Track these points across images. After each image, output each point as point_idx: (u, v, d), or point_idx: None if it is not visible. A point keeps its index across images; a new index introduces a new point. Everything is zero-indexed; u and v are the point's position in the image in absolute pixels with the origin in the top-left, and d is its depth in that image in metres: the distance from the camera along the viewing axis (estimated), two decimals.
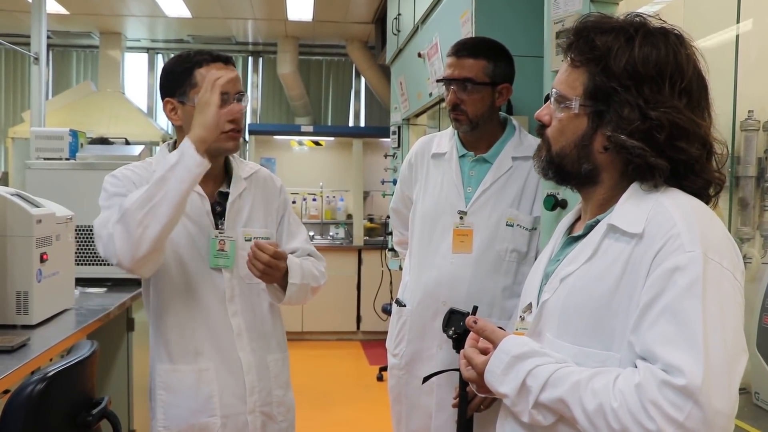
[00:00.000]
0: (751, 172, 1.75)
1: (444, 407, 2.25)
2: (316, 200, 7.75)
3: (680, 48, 1.22)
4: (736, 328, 1.09)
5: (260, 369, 2.08)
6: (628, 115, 1.19)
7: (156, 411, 2.01)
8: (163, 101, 2.00)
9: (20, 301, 2.48)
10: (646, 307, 1.11)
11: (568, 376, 1.15)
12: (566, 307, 1.24)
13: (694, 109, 1.21)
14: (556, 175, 1.33)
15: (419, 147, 2.50)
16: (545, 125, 1.33)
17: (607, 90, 1.22)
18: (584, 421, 1.10)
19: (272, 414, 2.11)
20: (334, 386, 5.63)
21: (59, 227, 2.74)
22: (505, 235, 2.25)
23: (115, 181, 1.96)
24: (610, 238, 1.21)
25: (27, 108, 7.40)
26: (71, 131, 3.86)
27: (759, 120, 1.75)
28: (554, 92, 1.30)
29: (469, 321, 1.35)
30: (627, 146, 1.20)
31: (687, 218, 1.13)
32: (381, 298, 6.70)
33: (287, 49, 7.94)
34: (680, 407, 1.02)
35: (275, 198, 2.19)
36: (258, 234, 2.08)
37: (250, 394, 2.04)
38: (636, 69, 1.20)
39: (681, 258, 1.09)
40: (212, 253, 2.01)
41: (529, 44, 2.54)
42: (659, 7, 2.12)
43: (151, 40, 8.34)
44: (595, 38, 1.23)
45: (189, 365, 1.99)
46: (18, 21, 7.20)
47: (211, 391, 1.99)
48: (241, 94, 1.97)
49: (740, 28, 1.77)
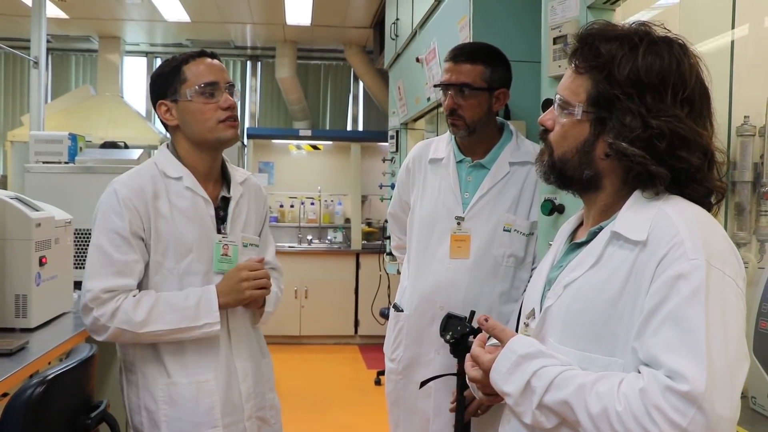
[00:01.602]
0: (747, 177, 1.76)
1: (441, 412, 2.25)
2: (314, 204, 7.75)
3: (684, 57, 1.23)
4: (738, 335, 1.10)
5: (256, 375, 2.07)
6: (629, 123, 1.20)
7: (160, 425, 1.95)
8: (156, 106, 2.01)
9: (19, 305, 2.48)
10: (649, 314, 1.11)
11: (572, 378, 1.16)
12: (570, 313, 1.25)
13: (696, 118, 1.22)
14: (557, 179, 1.34)
15: (416, 152, 2.51)
16: (548, 130, 1.33)
17: (610, 97, 1.22)
18: (588, 424, 1.11)
19: (266, 418, 2.11)
20: (332, 390, 5.62)
21: (58, 231, 2.74)
22: (502, 240, 2.26)
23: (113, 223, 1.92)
24: (613, 245, 1.22)
25: (26, 112, 7.41)
26: (70, 135, 3.86)
27: (755, 125, 1.76)
28: (558, 98, 1.31)
29: (480, 319, 1.36)
30: (628, 154, 1.20)
31: (690, 226, 1.14)
32: (379, 302, 6.70)
33: (286, 53, 7.96)
34: (683, 413, 1.03)
35: (262, 208, 2.21)
36: (253, 240, 2.10)
37: (247, 401, 2.03)
38: (639, 77, 1.20)
39: (684, 265, 1.10)
40: (216, 258, 2.00)
41: (526, 49, 2.55)
42: (655, 12, 2.13)
43: (150, 44, 8.37)
44: (600, 46, 1.24)
45: (187, 378, 1.96)
46: (17, 25, 7.22)
47: (212, 403, 1.96)
48: (231, 86, 1.99)
49: (735, 34, 1.78)
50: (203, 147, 2.00)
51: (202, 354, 1.97)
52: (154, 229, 1.94)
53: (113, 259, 1.91)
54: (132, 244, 1.92)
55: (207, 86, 1.95)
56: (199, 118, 1.96)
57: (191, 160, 2.02)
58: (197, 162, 2.02)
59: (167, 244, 1.95)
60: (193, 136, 1.99)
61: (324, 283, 7.04)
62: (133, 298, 1.91)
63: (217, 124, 1.95)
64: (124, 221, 1.92)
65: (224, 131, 1.97)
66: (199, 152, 2.01)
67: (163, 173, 1.99)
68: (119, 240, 1.92)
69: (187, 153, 2.02)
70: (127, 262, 1.92)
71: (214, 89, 1.95)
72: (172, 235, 1.95)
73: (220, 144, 2.00)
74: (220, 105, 1.95)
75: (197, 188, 2.00)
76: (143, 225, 1.94)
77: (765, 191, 1.74)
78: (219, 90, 1.96)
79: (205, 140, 1.98)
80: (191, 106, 1.95)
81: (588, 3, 1.91)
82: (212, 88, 1.95)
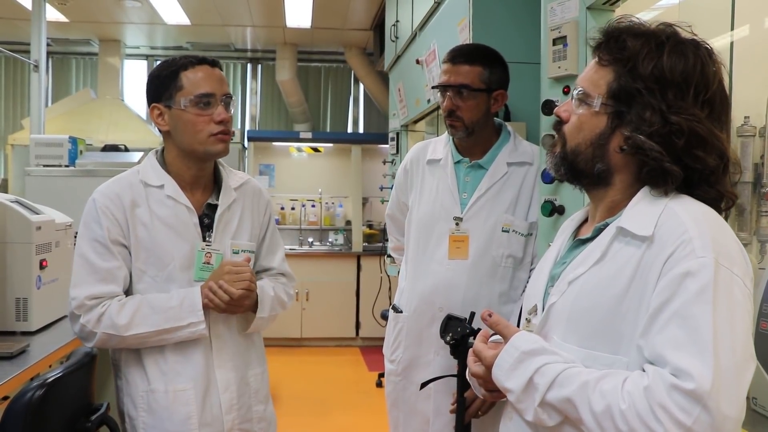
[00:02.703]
0: (747, 177, 1.76)
1: (441, 413, 2.25)
2: (315, 206, 7.75)
3: (708, 61, 1.23)
4: (745, 335, 1.10)
5: (240, 386, 2.01)
6: (649, 118, 1.20)
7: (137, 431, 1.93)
8: (150, 107, 1.97)
9: (20, 308, 2.48)
10: (656, 312, 1.11)
11: (576, 376, 1.15)
12: (574, 310, 1.24)
13: (715, 121, 1.21)
14: (568, 172, 1.32)
15: (414, 153, 2.51)
16: (563, 122, 1.33)
17: (631, 91, 1.22)
18: (591, 422, 1.10)
19: (253, 431, 2.05)
20: (333, 392, 5.62)
21: (59, 234, 2.74)
22: (500, 240, 2.26)
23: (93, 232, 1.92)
24: (619, 241, 1.21)
25: (26, 115, 7.42)
26: (71, 138, 3.87)
27: (755, 126, 1.76)
28: (578, 89, 1.30)
29: (484, 314, 1.35)
30: (645, 148, 1.20)
31: (698, 224, 1.13)
32: (380, 304, 6.70)
33: (286, 55, 7.96)
34: (688, 411, 1.03)
35: (262, 212, 2.15)
36: (245, 247, 2.04)
37: (228, 413, 1.97)
38: (663, 74, 1.20)
39: (692, 263, 1.09)
40: (197, 266, 1.96)
41: (525, 51, 2.55)
42: (656, 13, 2.13)
43: (150, 47, 8.37)
44: (627, 40, 1.24)
45: (165, 386, 1.92)
46: (18, 29, 7.22)
47: (188, 413, 1.92)
48: (228, 97, 1.95)
49: (735, 35, 1.78)
50: (191, 157, 1.96)
51: (182, 362, 1.93)
52: (134, 237, 1.92)
53: (96, 266, 1.90)
54: (113, 252, 1.91)
55: (203, 97, 1.90)
56: (191, 129, 1.91)
57: (177, 167, 1.99)
58: (183, 170, 1.99)
59: (148, 253, 1.93)
60: (182, 145, 1.95)
61: (325, 286, 7.03)
62: (118, 302, 1.89)
63: (208, 137, 1.91)
64: (103, 229, 1.90)
65: (214, 145, 1.93)
66: (186, 161, 1.98)
67: (143, 182, 1.96)
68: (101, 248, 1.91)
69: (174, 160, 1.99)
70: (110, 269, 1.91)
71: (210, 100, 1.91)
72: (152, 243, 1.93)
73: (208, 156, 1.97)
74: (214, 118, 1.90)
75: (179, 196, 1.96)
76: (123, 232, 1.92)
77: (765, 192, 1.74)
78: (215, 102, 1.91)
79: (194, 151, 1.94)
80: (184, 115, 1.91)
81: (587, 4, 1.91)
82: (208, 99, 1.91)
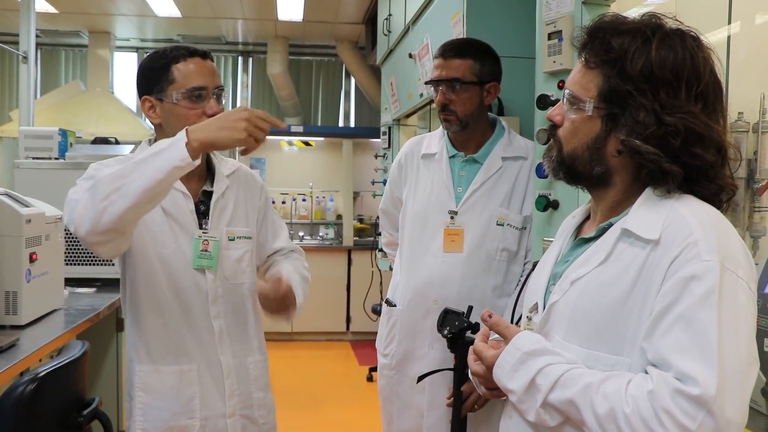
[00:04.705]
0: (740, 173, 1.76)
1: (435, 406, 2.25)
2: (305, 200, 7.74)
3: (697, 50, 1.21)
4: (749, 339, 1.09)
5: (240, 372, 2.04)
6: (643, 120, 1.18)
7: (134, 412, 1.95)
8: (141, 99, 1.96)
9: (9, 301, 2.47)
10: (660, 315, 1.10)
11: (579, 377, 1.14)
12: (576, 309, 1.22)
13: (710, 113, 1.20)
14: (566, 175, 1.31)
15: (409, 148, 2.51)
16: (556, 125, 1.31)
17: (623, 93, 1.20)
18: (594, 424, 1.10)
19: (253, 417, 2.07)
20: (324, 387, 5.62)
21: (48, 227, 2.73)
22: (495, 234, 2.26)
23: (98, 165, 1.88)
24: (624, 242, 1.20)
25: (15, 107, 7.34)
26: (60, 130, 3.84)
27: (748, 122, 1.76)
28: (567, 93, 1.28)
29: (484, 315, 1.33)
30: (641, 151, 1.18)
31: (704, 226, 1.12)
32: (371, 298, 6.70)
33: (277, 49, 7.93)
34: (693, 416, 1.02)
35: (257, 196, 2.16)
36: (241, 233, 2.05)
37: (230, 398, 2.00)
38: (652, 72, 1.18)
39: (698, 267, 1.08)
40: (195, 254, 1.96)
41: (520, 45, 2.55)
42: (651, 8, 2.12)
43: (140, 40, 8.31)
44: (611, 39, 1.21)
45: (171, 366, 1.95)
46: (6, 20, 7.16)
47: (192, 393, 1.95)
48: (220, 90, 1.94)
49: (731, 30, 1.78)
50: None
51: (188, 344, 1.95)
52: None
53: None
54: None
55: (195, 90, 1.89)
56: (183, 122, 1.86)
57: None
58: None
59: (145, 236, 1.92)
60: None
61: (315, 280, 6.90)
62: None
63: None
64: None
65: None
66: None
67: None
68: None
69: None
70: None
71: (202, 93, 1.90)
72: (150, 228, 1.92)
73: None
74: (206, 111, 1.89)
75: (176, 183, 1.92)
76: None
77: (758, 188, 1.75)
78: (207, 95, 1.90)
79: None
80: (176, 109, 1.90)
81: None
82: (200, 92, 1.90)
